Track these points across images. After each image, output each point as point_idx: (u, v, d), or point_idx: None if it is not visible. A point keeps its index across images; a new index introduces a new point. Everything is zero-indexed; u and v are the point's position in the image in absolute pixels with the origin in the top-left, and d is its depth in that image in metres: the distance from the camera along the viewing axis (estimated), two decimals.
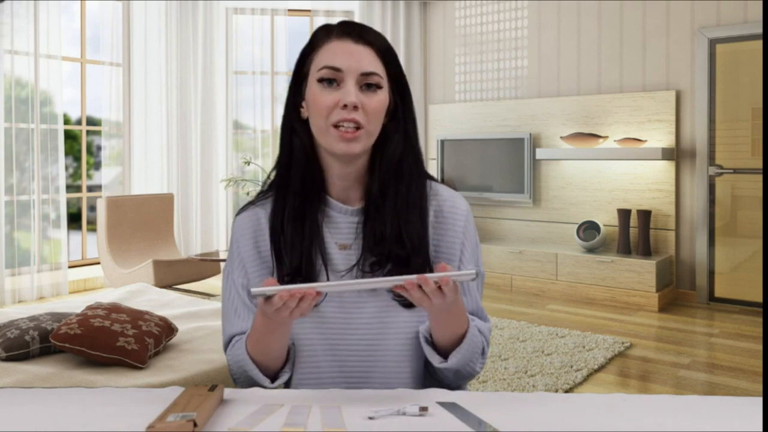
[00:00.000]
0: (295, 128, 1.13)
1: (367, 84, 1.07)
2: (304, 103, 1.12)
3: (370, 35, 1.09)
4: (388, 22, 6.24)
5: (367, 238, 1.11)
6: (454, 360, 1.07)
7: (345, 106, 1.04)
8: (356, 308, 1.11)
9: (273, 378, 1.12)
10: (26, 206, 4.95)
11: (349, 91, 1.05)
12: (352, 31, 1.09)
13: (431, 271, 1.12)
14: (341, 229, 1.14)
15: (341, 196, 1.15)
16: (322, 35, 1.10)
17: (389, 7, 6.25)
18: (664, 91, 4.99)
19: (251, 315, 1.15)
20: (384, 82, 1.09)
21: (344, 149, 1.06)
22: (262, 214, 1.17)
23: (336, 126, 1.05)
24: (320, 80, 1.07)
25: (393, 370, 1.12)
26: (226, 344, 1.17)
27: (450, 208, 1.17)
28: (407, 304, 1.11)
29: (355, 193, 1.15)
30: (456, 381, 1.12)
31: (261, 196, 1.19)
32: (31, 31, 4.96)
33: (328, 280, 1.11)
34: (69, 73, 5.59)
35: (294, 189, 1.12)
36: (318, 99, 1.06)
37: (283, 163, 1.14)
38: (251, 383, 1.11)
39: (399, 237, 1.10)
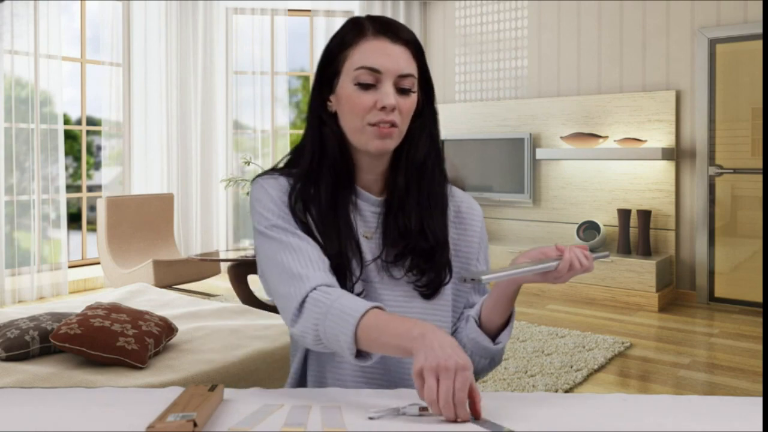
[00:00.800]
0: (324, 119, 1.13)
1: (402, 88, 1.08)
2: (332, 98, 1.12)
3: (404, 33, 1.10)
4: None
5: (389, 230, 1.13)
6: (505, 339, 1.13)
7: (383, 107, 1.05)
8: (379, 298, 1.13)
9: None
10: (26, 206, 4.95)
11: (388, 93, 1.05)
12: (388, 29, 1.08)
13: (451, 266, 1.17)
14: (366, 219, 1.15)
15: (366, 187, 1.16)
16: (356, 32, 1.09)
17: (389, 7, 6.25)
18: (664, 91, 4.99)
19: (323, 261, 1.07)
20: (416, 83, 1.10)
21: (379, 146, 1.07)
22: (285, 184, 1.13)
23: (372, 125, 1.07)
24: (357, 81, 1.07)
25: (410, 361, 1.13)
26: (302, 300, 1.02)
27: (468, 209, 1.23)
28: (427, 295, 1.14)
29: (378, 185, 1.16)
30: (489, 370, 1.17)
31: (279, 171, 1.16)
32: (31, 31, 4.96)
33: (361, 269, 1.11)
34: (69, 73, 5.59)
35: (326, 180, 1.11)
36: (355, 99, 1.06)
37: (314, 153, 1.12)
38: (331, 346, 0.99)
39: (422, 231, 1.13)
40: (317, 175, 1.12)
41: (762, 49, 4.63)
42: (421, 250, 1.12)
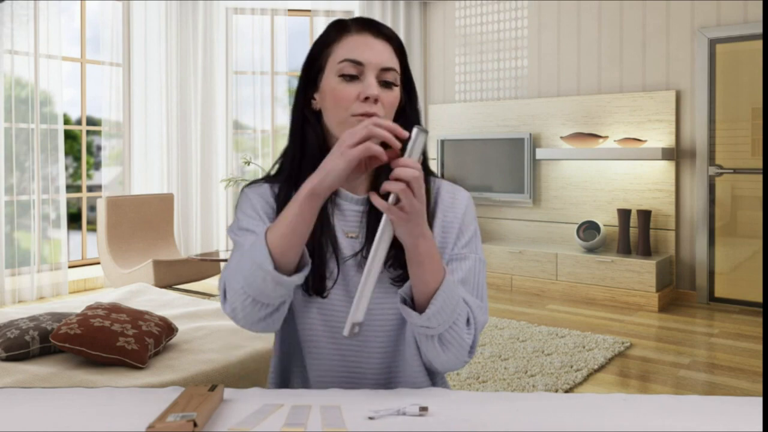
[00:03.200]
0: (307, 119, 1.15)
1: (385, 81, 1.09)
2: (317, 95, 1.14)
3: (387, 30, 1.12)
4: (388, 22, 6.24)
5: (372, 226, 1.13)
6: (433, 308, 1.00)
7: (366, 98, 1.06)
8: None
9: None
10: (26, 206, 4.95)
11: (371, 84, 1.06)
12: (371, 25, 1.11)
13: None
14: (347, 218, 1.15)
15: (349, 186, 1.16)
16: (339, 29, 1.12)
17: (389, 7, 6.25)
18: (664, 91, 4.99)
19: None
20: (398, 78, 1.11)
21: None
22: (267, 190, 1.17)
23: (355, 116, 1.07)
24: (341, 73, 1.08)
25: (389, 357, 1.14)
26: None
27: (450, 198, 1.19)
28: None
29: (362, 183, 1.17)
30: (446, 356, 1.07)
31: (269, 178, 1.19)
32: (31, 31, 4.96)
33: (338, 267, 1.12)
34: (69, 73, 5.59)
35: (305, 178, 1.13)
36: (339, 92, 1.08)
37: (294, 154, 1.15)
38: (257, 289, 0.98)
39: None
40: (297, 176, 1.14)
41: (762, 49, 4.63)
42: (401, 243, 1.11)
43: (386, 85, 1.09)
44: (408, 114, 1.15)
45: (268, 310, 1.02)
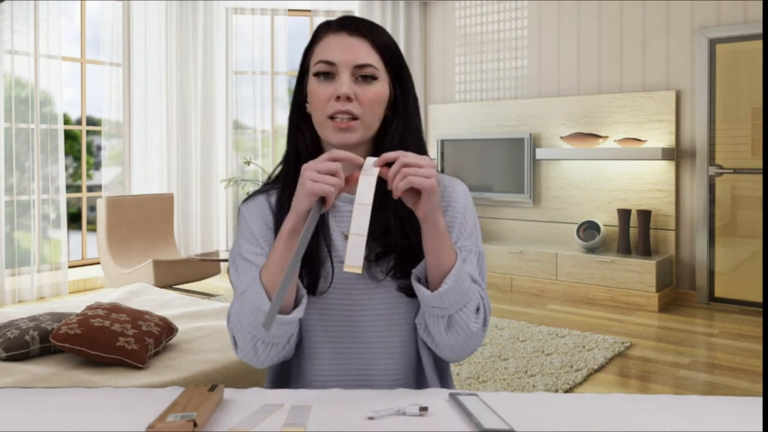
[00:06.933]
0: (300, 123, 1.16)
1: (362, 76, 1.08)
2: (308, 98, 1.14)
3: (366, 28, 1.10)
4: (388, 22, 6.24)
5: (370, 226, 1.12)
6: (446, 287, 1.01)
7: (338, 97, 1.06)
8: (363, 297, 1.12)
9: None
10: (26, 206, 4.94)
11: (342, 83, 1.06)
12: (348, 24, 1.10)
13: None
14: (345, 218, 1.15)
15: (346, 187, 1.15)
16: (322, 30, 1.13)
17: (389, 7, 6.25)
18: (664, 91, 4.99)
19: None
20: (380, 73, 1.10)
21: (340, 140, 1.07)
22: (264, 203, 1.18)
23: (332, 118, 1.07)
24: (316, 74, 1.09)
25: (395, 362, 1.12)
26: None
27: (450, 193, 1.18)
28: (413, 295, 1.11)
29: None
30: (451, 340, 1.06)
31: (267, 186, 1.20)
32: (31, 31, 4.96)
33: (332, 268, 1.11)
34: (69, 73, 5.59)
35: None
36: (314, 93, 1.09)
37: (290, 158, 1.16)
38: (263, 332, 1.01)
39: (402, 228, 1.10)
40: (294, 177, 1.14)
41: (762, 49, 4.63)
42: (403, 248, 1.10)
43: (365, 80, 1.08)
44: (400, 108, 1.14)
45: (279, 347, 1.06)
